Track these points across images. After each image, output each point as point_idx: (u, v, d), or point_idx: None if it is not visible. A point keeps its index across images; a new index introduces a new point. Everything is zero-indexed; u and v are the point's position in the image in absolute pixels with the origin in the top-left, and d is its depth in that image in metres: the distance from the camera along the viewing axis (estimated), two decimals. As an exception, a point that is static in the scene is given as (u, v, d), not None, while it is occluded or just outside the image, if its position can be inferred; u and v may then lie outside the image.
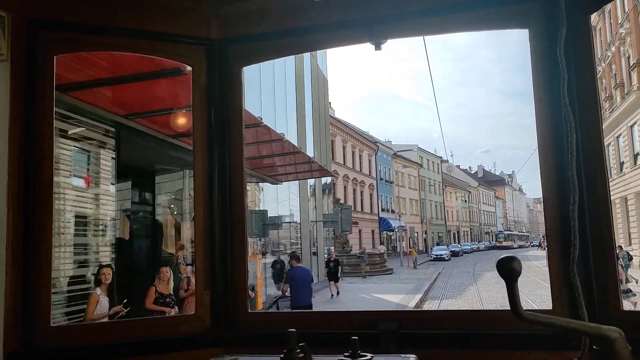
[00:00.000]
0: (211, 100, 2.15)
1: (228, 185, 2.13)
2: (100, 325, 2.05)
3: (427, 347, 1.79)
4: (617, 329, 1.31)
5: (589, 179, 1.75)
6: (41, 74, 1.95)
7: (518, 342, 1.77)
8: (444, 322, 1.93)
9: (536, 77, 1.86)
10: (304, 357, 1.43)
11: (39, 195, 1.91)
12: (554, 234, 1.80)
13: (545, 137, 1.83)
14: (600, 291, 1.71)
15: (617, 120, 27.61)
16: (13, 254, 1.84)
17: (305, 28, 2.14)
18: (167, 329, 2.05)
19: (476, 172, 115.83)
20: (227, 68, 2.17)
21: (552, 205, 1.81)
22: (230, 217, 2.12)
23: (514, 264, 1.28)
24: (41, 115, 1.94)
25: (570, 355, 1.58)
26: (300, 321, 2.12)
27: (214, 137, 2.13)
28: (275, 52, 2.30)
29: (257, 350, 1.81)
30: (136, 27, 2.09)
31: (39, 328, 1.87)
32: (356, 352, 1.42)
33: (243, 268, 2.13)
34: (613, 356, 1.28)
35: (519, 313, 1.30)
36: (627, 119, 26.80)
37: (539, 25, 1.85)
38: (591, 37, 1.82)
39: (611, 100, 29.93)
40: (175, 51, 2.17)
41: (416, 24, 2.04)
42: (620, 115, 27.31)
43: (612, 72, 30.42)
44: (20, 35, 1.90)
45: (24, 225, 1.88)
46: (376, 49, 2.05)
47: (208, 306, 2.06)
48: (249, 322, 2.07)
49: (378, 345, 1.84)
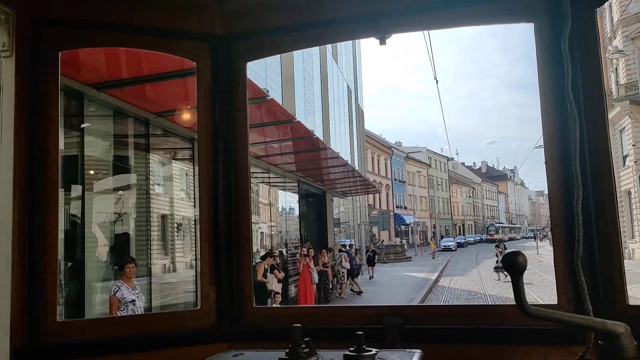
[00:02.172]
0: (216, 96, 2.14)
1: (233, 181, 2.13)
2: (107, 320, 2.06)
3: (432, 342, 1.78)
4: (622, 323, 1.30)
5: (594, 174, 1.73)
6: (46, 71, 1.95)
7: (523, 337, 1.76)
8: (449, 317, 1.93)
9: (541, 71, 1.84)
10: (309, 352, 1.43)
11: (45, 192, 1.91)
12: (559, 229, 1.79)
13: (550, 131, 1.82)
14: (606, 286, 1.70)
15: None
16: (19, 250, 1.84)
17: (310, 23, 2.13)
18: (173, 325, 2.05)
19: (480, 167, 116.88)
20: (232, 64, 2.16)
21: (558, 200, 1.80)
22: (236, 213, 2.12)
23: (519, 258, 1.26)
24: (46, 112, 1.94)
25: (576, 350, 1.57)
26: (305, 316, 2.12)
27: (219, 133, 2.13)
28: (280, 48, 2.29)
29: (262, 345, 1.82)
30: (140, 24, 2.08)
31: (45, 324, 1.87)
32: (361, 347, 1.41)
33: (248, 263, 2.12)
34: (618, 351, 1.27)
35: (524, 308, 1.29)
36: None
37: (544, 19, 1.84)
38: (597, 32, 1.80)
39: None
40: (179, 47, 2.17)
41: (421, 18, 2.03)
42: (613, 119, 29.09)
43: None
44: (25, 31, 1.90)
45: (29, 222, 1.87)
46: (381, 44, 2.05)
47: (213, 301, 2.06)
48: (255, 317, 2.07)
49: (383, 340, 1.83)
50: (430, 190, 75.92)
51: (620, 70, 30.90)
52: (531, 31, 1.87)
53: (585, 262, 1.68)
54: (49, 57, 1.95)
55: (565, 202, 1.77)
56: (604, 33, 31.83)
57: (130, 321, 2.12)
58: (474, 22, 1.99)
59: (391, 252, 41.08)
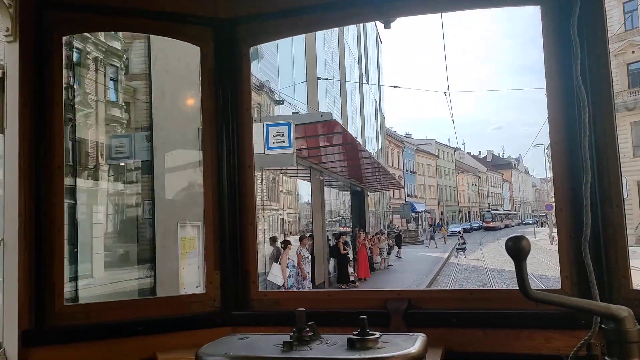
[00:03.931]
0: (219, 81, 2.14)
1: (237, 166, 2.13)
2: (113, 304, 2.01)
3: (436, 326, 1.79)
4: (626, 307, 1.30)
5: (600, 158, 1.72)
6: (50, 56, 1.94)
7: (527, 321, 1.76)
8: (452, 301, 1.93)
9: (548, 54, 1.82)
10: (312, 335, 1.44)
11: (51, 177, 1.92)
12: (564, 214, 1.78)
13: (556, 115, 1.80)
14: (611, 270, 1.69)
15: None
16: (25, 235, 1.85)
17: (314, 6, 2.10)
18: (179, 308, 2.06)
19: (485, 156, 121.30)
20: (235, 48, 2.15)
21: (563, 185, 1.79)
22: (240, 197, 2.13)
23: (522, 243, 1.27)
24: (51, 97, 1.93)
25: (578, 334, 1.57)
26: (309, 300, 2.12)
27: (223, 117, 2.13)
28: (284, 31, 2.28)
29: (266, 329, 1.84)
30: (144, 7, 2.06)
31: (53, 307, 1.88)
32: (365, 330, 1.40)
33: (253, 248, 2.14)
34: (622, 335, 1.27)
35: (528, 292, 1.29)
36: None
37: (552, 2, 1.81)
38: (604, 15, 1.77)
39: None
40: (183, 31, 2.15)
41: (426, 2, 2.00)
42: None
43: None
44: (28, 16, 1.88)
45: (35, 207, 1.88)
46: (385, 27, 2.02)
47: (218, 286, 2.08)
48: (259, 301, 2.09)
49: (387, 324, 1.84)
50: (439, 179, 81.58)
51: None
52: (537, 14, 1.84)
53: (590, 247, 1.66)
54: (53, 42, 1.94)
55: (570, 187, 1.76)
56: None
57: (136, 305, 2.16)
58: (480, 5, 1.96)
59: (407, 237, 47.10)
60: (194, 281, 8.21)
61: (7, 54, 1.86)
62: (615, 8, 30.71)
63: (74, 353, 1.89)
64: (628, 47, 30.41)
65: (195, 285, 8.35)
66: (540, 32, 1.84)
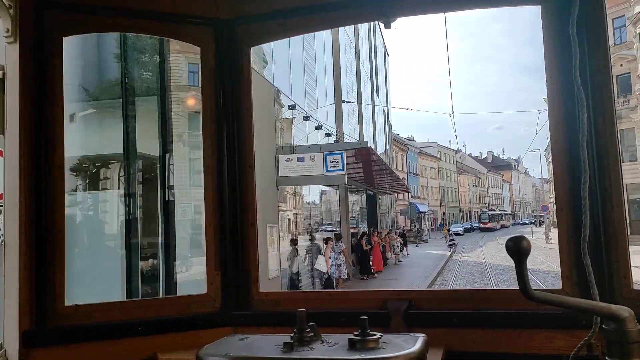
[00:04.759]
0: (220, 81, 2.14)
1: (237, 166, 2.13)
2: (114, 304, 2.02)
3: (436, 326, 1.79)
4: (627, 308, 1.29)
5: (600, 158, 1.71)
6: (50, 56, 1.93)
7: (527, 321, 1.76)
8: (453, 301, 1.92)
9: (548, 54, 1.81)
10: (313, 336, 1.44)
11: (51, 177, 1.91)
12: (565, 214, 1.77)
13: (556, 115, 1.80)
14: (611, 270, 1.68)
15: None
16: (26, 235, 1.84)
17: (314, 6, 2.10)
18: (179, 309, 2.05)
19: (485, 157, 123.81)
20: (236, 48, 2.15)
21: (563, 185, 1.78)
22: (240, 198, 2.12)
23: (522, 243, 1.27)
24: (52, 98, 1.93)
25: (579, 334, 1.56)
26: (310, 301, 2.11)
27: (223, 118, 2.13)
28: (284, 32, 2.27)
29: (267, 329, 1.83)
30: (144, 8, 2.06)
31: (54, 307, 1.88)
32: (365, 331, 1.40)
33: (253, 248, 2.13)
34: (623, 335, 1.26)
35: (528, 292, 1.28)
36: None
37: (552, 2, 1.81)
38: (604, 15, 1.77)
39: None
40: (183, 32, 2.15)
41: (426, 2, 2.00)
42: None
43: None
44: (28, 17, 1.88)
45: (36, 207, 1.87)
46: (386, 27, 2.02)
47: (219, 286, 2.08)
48: (260, 301, 2.08)
49: (387, 325, 1.83)
50: (441, 181, 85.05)
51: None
52: (538, 14, 1.84)
53: (591, 247, 1.66)
54: (53, 42, 1.94)
55: (570, 186, 1.75)
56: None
57: (137, 305, 2.16)
58: (481, 5, 1.96)
59: (411, 236, 50.60)
60: (272, 269, 12.19)
61: (8, 55, 1.86)
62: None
63: (74, 353, 1.89)
64: (617, 60, 32.45)
65: (274, 269, 12.74)
66: (540, 32, 1.83)
